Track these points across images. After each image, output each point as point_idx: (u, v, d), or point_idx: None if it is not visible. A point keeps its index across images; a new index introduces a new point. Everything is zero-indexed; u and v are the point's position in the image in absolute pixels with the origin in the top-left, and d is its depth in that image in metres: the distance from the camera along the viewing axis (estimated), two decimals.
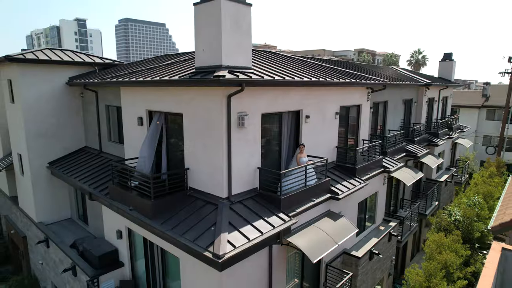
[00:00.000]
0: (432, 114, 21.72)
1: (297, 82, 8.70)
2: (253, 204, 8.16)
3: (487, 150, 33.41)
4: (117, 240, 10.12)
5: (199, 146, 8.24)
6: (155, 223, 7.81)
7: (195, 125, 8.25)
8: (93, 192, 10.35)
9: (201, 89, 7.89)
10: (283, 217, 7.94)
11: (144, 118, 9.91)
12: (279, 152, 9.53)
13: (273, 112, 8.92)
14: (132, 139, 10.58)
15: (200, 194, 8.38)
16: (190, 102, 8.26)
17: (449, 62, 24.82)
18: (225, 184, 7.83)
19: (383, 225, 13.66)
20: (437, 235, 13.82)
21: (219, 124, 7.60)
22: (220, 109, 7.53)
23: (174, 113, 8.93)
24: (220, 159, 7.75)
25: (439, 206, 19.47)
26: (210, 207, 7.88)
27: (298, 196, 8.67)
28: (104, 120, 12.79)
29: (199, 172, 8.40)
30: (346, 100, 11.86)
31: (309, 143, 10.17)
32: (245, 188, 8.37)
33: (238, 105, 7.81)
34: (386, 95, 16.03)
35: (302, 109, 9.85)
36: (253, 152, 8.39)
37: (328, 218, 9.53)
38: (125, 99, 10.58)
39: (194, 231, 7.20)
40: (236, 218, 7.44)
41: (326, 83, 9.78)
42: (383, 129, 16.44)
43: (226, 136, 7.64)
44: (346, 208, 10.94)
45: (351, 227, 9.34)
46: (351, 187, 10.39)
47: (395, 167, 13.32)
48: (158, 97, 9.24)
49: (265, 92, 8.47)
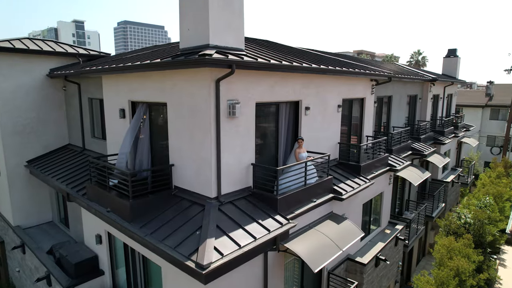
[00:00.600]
0: (437, 111, 20.80)
1: (296, 67, 7.75)
2: (246, 205, 7.18)
3: (492, 150, 32.47)
4: (96, 245, 9.12)
5: (185, 139, 7.27)
6: (133, 226, 6.82)
7: (180, 115, 7.29)
8: (71, 192, 9.36)
9: (185, 73, 6.93)
10: (280, 220, 6.96)
11: (126, 110, 8.94)
12: (275, 147, 8.56)
13: (269, 101, 7.96)
14: (114, 134, 9.60)
15: (186, 194, 7.41)
16: (174, 89, 7.30)
17: (454, 58, 23.94)
18: (214, 182, 6.86)
19: (389, 228, 12.67)
20: (447, 239, 12.85)
21: (207, 112, 6.64)
22: (207, 96, 6.57)
23: (158, 102, 7.97)
24: (207, 153, 6.78)
25: (445, 208, 18.49)
26: (196, 208, 6.90)
27: (297, 196, 7.70)
28: (87, 114, 11.81)
29: (185, 169, 7.42)
30: (349, 92, 10.92)
31: (309, 138, 9.21)
32: (237, 187, 7.39)
33: (228, 92, 6.85)
34: (390, 90, 15.11)
35: (301, 100, 8.89)
36: (246, 146, 7.42)
37: (330, 221, 8.55)
38: (107, 90, 9.62)
39: (176, 236, 6.22)
40: (225, 221, 6.46)
41: (328, 70, 8.84)
42: (387, 125, 15.50)
43: (214, 126, 6.67)
44: (350, 210, 9.97)
45: (357, 231, 8.36)
46: (355, 186, 9.42)
47: (401, 166, 12.36)
48: (140, 85, 8.28)
49: (260, 79, 7.52)
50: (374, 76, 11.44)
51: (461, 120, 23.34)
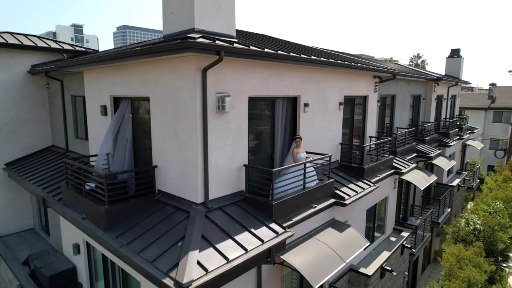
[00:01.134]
0: (440, 112, 20.04)
1: (293, 58, 6.98)
2: (237, 211, 6.37)
3: (496, 154, 31.69)
4: (74, 256, 8.27)
5: (169, 137, 6.48)
6: (108, 236, 6.00)
7: (164, 110, 6.51)
8: (46, 197, 8.53)
9: (169, 63, 6.16)
10: (276, 228, 6.14)
11: (108, 107, 8.16)
12: (271, 147, 7.76)
13: (264, 96, 7.18)
14: (96, 133, 8.82)
15: (171, 199, 6.60)
16: (157, 82, 6.53)
17: (457, 58, 23.26)
18: (200, 185, 6.05)
19: (394, 235, 11.84)
20: (456, 247, 12.01)
21: (192, 106, 5.86)
22: (192, 87, 5.79)
23: (141, 97, 7.19)
24: (193, 153, 5.99)
25: (451, 213, 17.66)
26: (181, 215, 6.08)
27: (295, 201, 6.89)
28: (70, 113, 11.02)
29: (169, 171, 6.62)
30: (351, 89, 10.16)
31: (308, 138, 8.42)
32: (228, 191, 6.59)
33: (217, 84, 6.08)
34: (393, 89, 14.36)
35: (299, 96, 8.12)
36: (237, 145, 6.63)
37: (332, 228, 7.73)
38: (89, 85, 8.85)
39: (156, 247, 5.39)
40: (212, 230, 5.64)
41: (329, 63, 8.07)
42: (391, 126, 14.72)
43: (201, 122, 5.88)
44: (353, 216, 9.15)
45: (361, 240, 7.54)
46: (359, 190, 8.61)
47: (407, 168, 11.56)
48: (122, 79, 7.51)
49: (253, 70, 6.75)
50: (378, 72, 10.69)
51: (465, 122, 22.60)
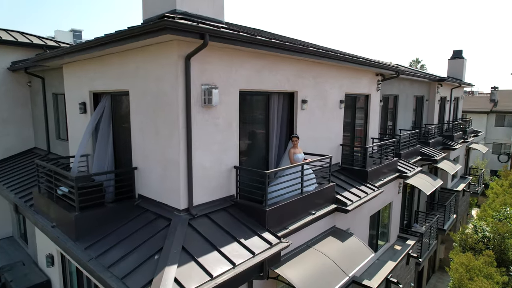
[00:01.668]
0: (444, 115, 19.39)
1: (289, 47, 6.29)
2: (225, 219, 5.63)
3: (499, 158, 31.00)
4: (47, 268, 7.49)
5: (150, 135, 5.76)
6: (77, 247, 5.24)
7: (144, 105, 5.80)
8: (18, 203, 7.78)
9: (149, 51, 5.47)
10: (269, 238, 5.40)
11: (87, 103, 7.46)
12: (265, 147, 7.04)
13: (256, 90, 6.48)
14: (75, 132, 8.10)
15: (152, 204, 5.86)
16: (137, 73, 5.83)
17: (460, 60, 22.62)
18: (183, 189, 5.32)
19: (398, 243, 11.07)
20: (465, 256, 11.23)
21: (174, 99, 5.15)
22: (174, 77, 5.09)
23: (121, 91, 6.49)
24: (174, 152, 5.27)
25: (456, 220, 16.90)
26: (161, 223, 5.34)
27: (292, 207, 6.15)
28: (52, 112, 10.30)
29: (150, 173, 5.89)
30: (353, 87, 9.48)
31: (306, 138, 7.71)
32: (215, 196, 5.85)
33: (203, 74, 5.38)
34: (396, 89, 13.70)
35: (296, 91, 7.43)
36: (227, 143, 5.91)
37: (333, 237, 6.98)
38: (68, 81, 8.15)
39: (129, 261, 4.65)
40: (196, 241, 4.90)
41: (328, 55, 7.39)
42: (393, 128, 14.03)
43: (183, 117, 5.17)
44: (355, 224, 8.41)
45: (366, 251, 6.78)
46: (362, 195, 7.88)
47: (412, 172, 10.83)
48: (102, 73, 6.81)
49: (244, 60, 6.05)
50: (380, 69, 10.02)
51: (468, 125, 21.93)
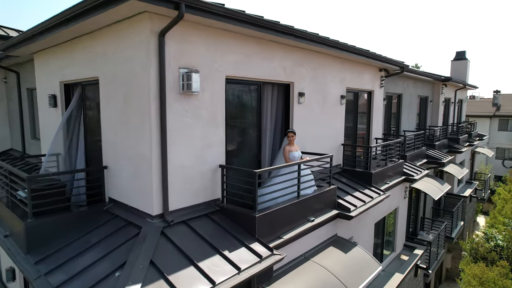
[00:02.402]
0: (448, 117, 18.61)
1: (285, 29, 5.47)
2: (208, 226, 4.76)
3: (504, 163, 30.16)
4: (8, 283, 6.58)
5: (120, 128, 4.93)
6: (27, 260, 4.36)
7: (114, 92, 4.98)
8: None
9: (118, 29, 4.67)
10: (259, 249, 4.52)
11: (58, 96, 6.63)
12: (257, 145, 6.20)
13: (246, 78, 5.66)
14: (46, 128, 7.27)
15: (123, 209, 5.00)
16: (106, 56, 5.02)
17: (463, 61, 21.91)
18: (156, 191, 4.46)
19: (405, 253, 10.18)
20: (477, 267, 10.33)
21: (145, 83, 4.33)
22: (145, 57, 4.28)
23: (91, 80, 5.67)
24: (145, 147, 4.43)
25: (464, 227, 16.01)
26: (130, 232, 4.48)
27: (287, 212, 5.29)
28: (27, 110, 9.48)
29: (121, 172, 5.04)
30: (355, 81, 8.68)
31: (303, 136, 6.88)
32: (197, 200, 4.99)
33: (182, 55, 4.57)
34: (399, 87, 12.92)
35: (293, 82, 6.61)
36: (211, 138, 5.07)
37: (335, 248, 6.11)
38: (39, 72, 7.34)
39: (84, 278, 3.77)
40: (168, 254, 4.03)
41: (328, 42, 6.57)
42: (397, 129, 13.22)
43: (157, 105, 4.35)
44: (359, 232, 7.54)
45: (372, 263, 5.90)
46: (367, 199, 7.02)
47: (419, 175, 9.99)
48: (71, 60, 5.99)
49: (232, 44, 5.25)
50: (384, 63, 9.22)
51: (473, 128, 21.14)
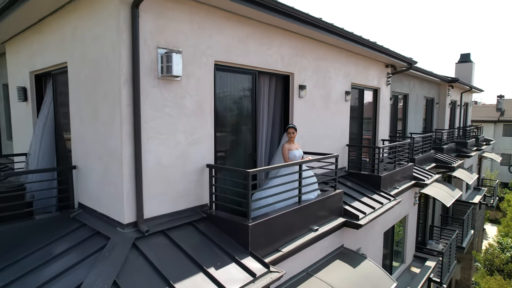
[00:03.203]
0: (454, 120, 17.89)
1: (285, 9, 4.75)
2: (192, 237, 3.97)
3: (510, 169, 29.38)
4: None
5: (89, 119, 4.18)
6: None
7: (82, 78, 4.25)
8: None
9: (86, 2, 3.95)
10: (253, 266, 3.73)
11: (28, 88, 5.90)
12: (253, 143, 5.44)
13: (239, 65, 4.93)
14: (17, 125, 6.54)
15: (93, 216, 4.22)
16: (74, 36, 4.29)
17: (468, 64, 21.28)
18: (128, 195, 3.69)
19: (415, 264, 9.35)
20: (494, 280, 9.50)
21: (115, 65, 3.60)
22: (116, 32, 3.55)
23: (61, 67, 4.94)
24: (116, 141, 3.67)
25: (474, 236, 15.16)
26: (97, 244, 3.69)
27: (286, 220, 4.50)
28: (2, 107, 8.74)
29: (90, 173, 4.27)
30: (360, 77, 7.97)
31: (305, 134, 6.14)
32: (180, 206, 4.21)
33: (161, 33, 3.84)
34: (406, 87, 12.22)
35: (293, 73, 5.88)
36: (197, 133, 4.32)
37: (341, 261, 5.30)
38: (10, 62, 6.63)
39: None
40: (139, 272, 3.24)
41: (333, 29, 5.85)
42: (404, 131, 12.48)
43: (129, 91, 3.60)
44: (368, 242, 6.73)
45: (385, 279, 5.10)
46: (376, 206, 6.23)
47: (430, 179, 9.21)
48: (40, 44, 5.28)
49: (223, 24, 4.53)
50: (392, 58, 8.51)
51: (480, 132, 20.41)
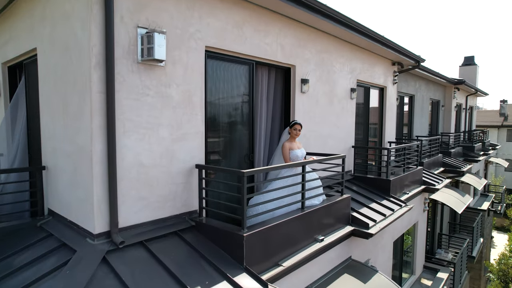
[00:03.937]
0: (460, 124, 17.35)
1: None
2: (176, 250, 3.37)
3: None
4: None
5: (58, 112, 3.61)
6: None
7: (51, 64, 3.69)
8: None
9: None
10: (248, 284, 3.12)
11: (1, 82, 5.35)
12: (249, 142, 4.86)
13: (234, 53, 4.37)
14: None
15: (62, 225, 3.63)
16: (44, 18, 3.75)
17: (472, 66, 20.84)
18: (100, 200, 3.10)
19: (425, 276, 8.71)
20: None
21: (84, 47, 3.04)
22: (86, 9, 3.00)
23: (32, 55, 4.39)
24: (85, 136, 3.10)
25: (483, 245, 14.49)
26: (62, 257, 3.09)
27: (287, 229, 3.90)
28: None
29: (60, 174, 3.69)
30: (365, 73, 7.43)
31: (307, 133, 5.56)
32: (163, 212, 3.61)
33: (141, 10, 3.29)
34: (412, 88, 11.70)
35: (294, 66, 5.33)
36: (184, 128, 3.74)
37: (349, 275, 4.68)
38: None
39: None
40: None
41: (339, 16, 5.31)
42: (410, 133, 11.92)
43: (100, 75, 3.04)
44: (377, 253, 6.11)
45: None
46: (387, 212, 5.63)
47: (440, 184, 8.61)
48: (10, 30, 4.74)
49: (216, 6, 3.98)
50: (400, 55, 7.98)
51: (486, 137, 19.86)
